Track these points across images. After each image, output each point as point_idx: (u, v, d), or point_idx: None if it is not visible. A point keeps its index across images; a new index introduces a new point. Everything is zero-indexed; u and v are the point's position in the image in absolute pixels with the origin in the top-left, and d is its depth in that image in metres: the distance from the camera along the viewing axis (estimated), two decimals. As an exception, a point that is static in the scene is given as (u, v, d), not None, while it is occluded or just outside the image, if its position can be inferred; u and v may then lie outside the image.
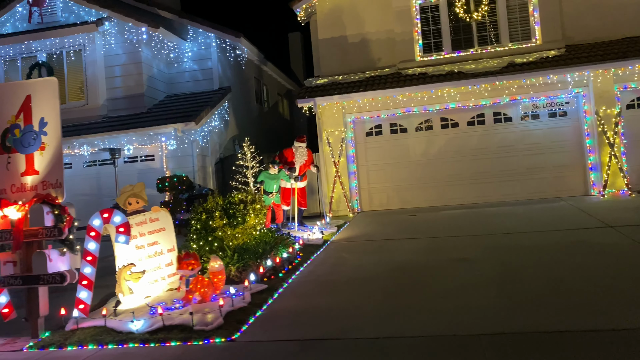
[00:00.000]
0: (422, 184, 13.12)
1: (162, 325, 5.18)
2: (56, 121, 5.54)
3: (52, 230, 5.38)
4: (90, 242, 5.54)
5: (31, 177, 5.56)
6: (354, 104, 12.88)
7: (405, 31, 13.70)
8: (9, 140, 5.62)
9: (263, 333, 4.95)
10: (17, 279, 5.46)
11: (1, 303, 5.71)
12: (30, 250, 5.51)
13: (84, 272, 5.52)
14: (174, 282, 6.52)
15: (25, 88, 5.61)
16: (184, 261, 5.70)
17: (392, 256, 7.68)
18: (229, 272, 6.82)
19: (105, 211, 5.56)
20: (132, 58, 14.62)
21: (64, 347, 5.09)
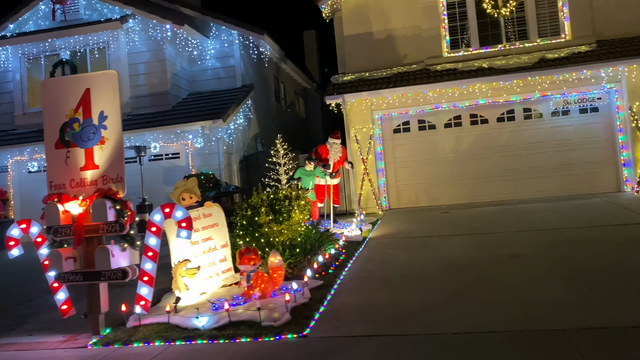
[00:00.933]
0: (451, 181, 13.02)
1: (229, 321, 5.10)
2: (116, 115, 5.45)
3: (113, 225, 5.30)
4: (151, 237, 5.45)
5: (91, 172, 5.47)
6: (383, 100, 12.78)
7: (433, 27, 13.61)
8: (68, 135, 5.54)
9: (333, 329, 4.86)
10: (77, 275, 5.38)
11: (59, 299, 5.63)
12: (90, 245, 5.43)
13: (144, 268, 5.43)
14: (228, 279, 6.44)
15: (84, 81, 5.53)
16: (245, 256, 5.61)
17: (440, 253, 7.58)
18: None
19: (166, 206, 5.47)
20: (156, 56, 14.55)
21: (129, 343, 5.01)
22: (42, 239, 5.64)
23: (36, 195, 14.90)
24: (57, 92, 5.59)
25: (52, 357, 4.91)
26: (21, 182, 15.09)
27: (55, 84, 5.67)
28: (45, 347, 5.24)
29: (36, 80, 15.11)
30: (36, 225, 5.67)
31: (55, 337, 5.49)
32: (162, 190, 14.11)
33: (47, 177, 5.58)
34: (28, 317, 6.51)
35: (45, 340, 5.46)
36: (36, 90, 15.11)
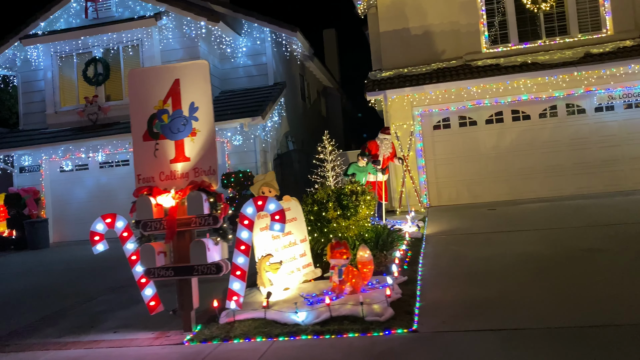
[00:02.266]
0: (492, 178, 12.88)
1: (330, 316, 4.96)
2: (208, 106, 5.32)
3: (206, 218, 5.16)
4: (243, 230, 5.32)
5: (181, 164, 5.34)
6: (425, 96, 12.66)
7: (471, 23, 13.49)
8: (157, 127, 5.41)
9: (442, 324, 4.71)
10: (168, 270, 5.24)
11: (147, 296, 5.50)
12: (182, 239, 5.30)
13: (237, 262, 5.29)
14: (308, 274, 6.31)
15: (173, 72, 5.40)
16: (336, 250, 5.47)
17: (511, 248, 7.44)
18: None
19: (259, 198, 5.33)
20: (190, 53, 14.42)
21: (229, 340, 4.87)
22: (128, 233, 5.51)
23: (68, 195, 14.82)
24: (144, 82, 5.47)
25: (153, 354, 4.77)
26: (53, 182, 14.96)
27: (142, 74, 5.54)
28: (139, 344, 5.11)
29: (67, 79, 15.00)
30: (121, 219, 5.54)
31: (143, 334, 5.36)
32: (198, 188, 13.97)
33: (135, 170, 5.45)
34: (103, 315, 6.37)
35: (134, 337, 5.32)
36: (68, 89, 15.00)
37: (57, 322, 6.27)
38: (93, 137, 13.80)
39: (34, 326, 6.22)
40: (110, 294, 7.52)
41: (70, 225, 14.78)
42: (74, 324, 6.08)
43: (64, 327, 6.01)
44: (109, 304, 6.95)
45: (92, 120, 14.29)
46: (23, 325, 6.29)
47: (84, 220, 14.48)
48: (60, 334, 5.75)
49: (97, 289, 7.91)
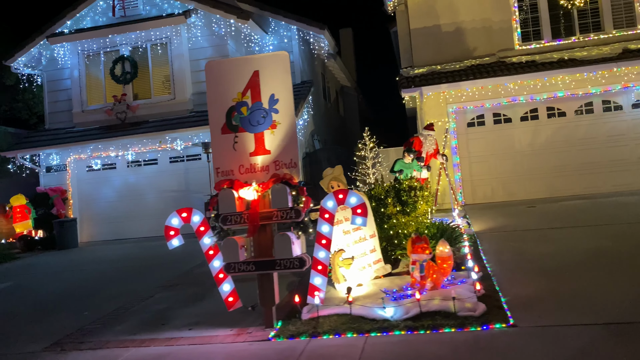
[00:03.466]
0: (528, 176, 12.77)
1: (419, 311, 4.85)
2: (288, 98, 5.22)
3: (288, 212, 5.05)
4: (323, 224, 5.20)
5: (262, 157, 5.24)
6: (461, 93, 12.55)
7: (504, 19, 13.40)
8: (235, 119, 5.30)
9: (538, 318, 4.61)
10: (249, 265, 5.14)
11: (225, 291, 5.38)
12: (263, 233, 5.20)
13: (318, 256, 5.18)
14: (379, 270, 6.20)
15: (252, 64, 5.29)
16: (417, 245, 5.36)
17: (573, 244, 7.31)
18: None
19: (339, 192, 5.22)
20: (219, 51, 14.32)
21: (317, 335, 4.76)
22: (205, 227, 5.40)
23: (95, 194, 14.72)
24: (222, 75, 5.36)
25: (243, 351, 4.66)
26: (80, 181, 14.86)
27: (220, 66, 5.43)
28: (221, 340, 5.00)
29: (94, 77, 14.89)
30: (198, 213, 5.43)
31: (221, 331, 5.25)
32: (228, 187, 13.86)
33: (214, 164, 5.35)
34: (167, 312, 6.26)
35: (212, 334, 5.21)
36: (95, 88, 14.89)
37: (122, 319, 6.16)
38: (122, 136, 13.69)
39: (99, 324, 6.11)
40: (164, 292, 7.40)
41: (97, 225, 14.67)
42: (141, 322, 5.97)
43: (132, 324, 5.90)
44: (167, 301, 6.83)
45: (121, 119, 14.18)
46: (87, 323, 6.18)
47: (112, 219, 14.44)
48: (131, 331, 5.64)
49: (147, 287, 7.78)
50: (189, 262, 9.61)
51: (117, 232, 14.42)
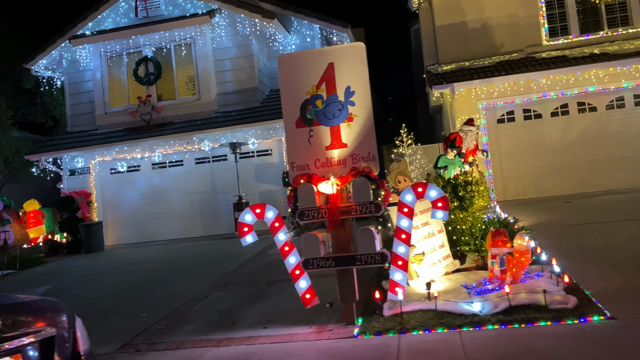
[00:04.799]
0: (559, 172, 12.69)
1: (509, 305, 4.75)
2: (365, 90, 5.12)
3: (367, 206, 4.94)
4: (402, 219, 5.09)
5: (338, 151, 5.13)
6: (493, 89, 12.48)
7: (530, 15, 13.34)
8: (310, 113, 5.20)
9: (635, 310, 4.51)
10: (328, 261, 5.02)
11: (301, 288, 5.25)
12: (342, 228, 5.08)
13: (397, 251, 5.06)
14: (448, 265, 6.10)
15: (326, 56, 5.19)
16: (498, 238, 5.26)
17: (631, 236, 7.22)
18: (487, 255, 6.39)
19: (419, 185, 5.11)
20: (244, 51, 14.23)
21: (406, 331, 4.65)
22: (279, 223, 5.29)
23: (120, 197, 14.59)
24: (296, 68, 5.27)
25: (336, 348, 4.54)
26: (104, 184, 14.72)
27: (293, 59, 5.34)
28: (305, 338, 4.88)
29: (117, 79, 14.77)
30: (271, 209, 5.32)
31: (299, 329, 5.13)
32: (255, 187, 13.80)
33: (288, 158, 5.24)
34: (231, 311, 6.14)
35: (291, 332, 5.10)
36: (117, 89, 14.77)
37: (186, 320, 6.04)
38: (149, 137, 13.57)
39: (163, 324, 5.99)
40: (219, 292, 7.28)
41: (122, 228, 14.53)
42: (209, 322, 5.85)
43: (200, 325, 5.78)
44: (226, 301, 6.71)
45: (146, 121, 14.06)
46: (150, 324, 6.05)
47: (137, 222, 14.31)
48: (202, 331, 5.52)
49: (195, 288, 7.64)
50: (227, 262, 9.51)
51: (142, 235, 14.29)
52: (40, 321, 2.61)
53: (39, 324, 2.59)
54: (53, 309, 2.76)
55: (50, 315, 2.70)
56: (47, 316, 2.68)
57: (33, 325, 2.55)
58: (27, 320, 2.54)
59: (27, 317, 2.55)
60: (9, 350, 2.34)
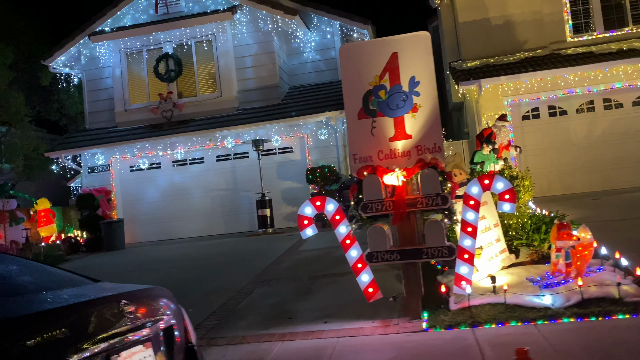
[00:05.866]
0: (585, 169, 12.63)
1: (581, 298, 4.67)
2: (430, 80, 5.04)
3: (434, 198, 4.86)
4: (469, 211, 5.02)
5: (402, 142, 5.05)
6: (520, 85, 12.44)
7: (555, 12, 13.29)
8: (373, 103, 5.12)
9: None
10: (393, 254, 4.94)
11: (363, 282, 5.16)
12: (407, 221, 5.00)
13: (463, 245, 4.99)
14: (505, 260, 6.02)
15: (390, 45, 5.11)
16: (563, 231, 5.18)
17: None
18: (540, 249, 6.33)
19: (484, 177, 5.04)
20: (265, 48, 14.15)
21: (478, 325, 4.57)
22: (340, 216, 5.20)
23: (140, 195, 14.49)
24: (358, 58, 5.18)
25: (411, 342, 4.47)
26: (123, 181, 14.62)
27: (355, 49, 5.26)
28: (373, 332, 4.80)
29: (137, 76, 14.68)
30: (332, 202, 5.24)
31: (363, 323, 5.04)
32: (277, 185, 13.70)
33: (350, 150, 5.16)
34: (282, 306, 6.05)
35: (355, 326, 5.01)
36: (137, 86, 14.68)
37: (239, 315, 5.96)
38: (171, 134, 13.49)
39: (215, 320, 5.90)
40: (263, 287, 7.19)
41: (142, 226, 14.42)
42: (263, 317, 5.76)
43: (255, 320, 5.69)
44: (273, 296, 6.62)
45: (167, 117, 13.97)
46: (201, 319, 5.96)
47: (157, 220, 14.22)
48: (260, 326, 5.43)
49: (238, 283, 7.55)
50: (259, 259, 9.41)
51: (163, 233, 14.18)
52: (161, 309, 2.53)
53: (160, 312, 2.51)
54: (168, 297, 2.67)
55: (167, 303, 2.62)
56: (166, 304, 2.60)
57: (157, 313, 2.47)
58: (151, 308, 2.46)
59: (150, 306, 2.47)
60: (142, 339, 2.26)
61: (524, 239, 6.47)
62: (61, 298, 2.16)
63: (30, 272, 2.65)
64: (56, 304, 2.03)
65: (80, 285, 2.59)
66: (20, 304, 2.03)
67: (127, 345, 2.15)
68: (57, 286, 2.47)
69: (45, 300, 2.13)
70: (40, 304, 2.04)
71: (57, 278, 2.66)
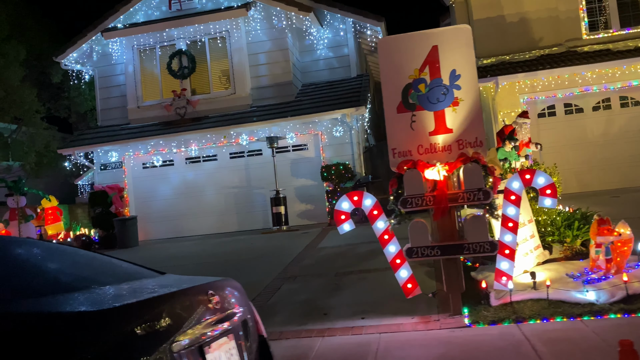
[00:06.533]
0: (601, 166, 12.59)
1: (626, 294, 4.63)
2: (472, 73, 4.99)
3: (475, 193, 4.81)
4: (509, 206, 4.97)
5: (442, 136, 5.00)
6: (537, 83, 12.42)
7: (570, 9, 13.24)
8: (412, 97, 5.07)
9: None
10: (433, 249, 4.89)
11: (402, 277, 5.12)
12: (448, 216, 4.95)
13: (504, 240, 4.94)
14: (539, 256, 5.97)
15: (430, 38, 5.06)
16: (603, 227, 5.14)
17: None
18: (573, 245, 6.29)
19: (526, 172, 5.01)
20: (279, 45, 14.09)
21: (522, 320, 4.53)
22: (378, 211, 5.15)
23: (152, 192, 14.44)
24: (397, 51, 5.13)
25: (456, 337, 4.42)
26: (135, 178, 14.57)
27: (394, 42, 5.20)
28: (415, 328, 4.76)
29: (149, 72, 14.62)
30: (369, 197, 5.19)
31: (402, 319, 5.00)
32: (291, 182, 13.65)
33: (389, 144, 5.11)
34: (314, 303, 6.00)
35: (394, 322, 4.97)
36: (150, 83, 14.62)
37: (271, 311, 5.90)
38: (185, 131, 13.43)
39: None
40: (290, 284, 7.13)
41: (155, 223, 14.37)
42: (296, 313, 5.71)
43: (288, 315, 5.65)
44: (303, 292, 6.56)
45: (180, 115, 13.91)
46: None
47: (169, 217, 14.17)
48: (295, 322, 5.38)
49: (264, 280, 7.49)
50: (279, 256, 9.34)
51: (175, 230, 14.13)
52: (238, 301, 2.48)
53: (238, 304, 2.46)
54: (240, 290, 2.63)
55: (241, 295, 2.58)
56: (241, 296, 2.55)
57: (236, 305, 2.43)
58: (231, 299, 2.42)
59: (230, 297, 2.42)
60: (226, 330, 2.21)
61: (555, 235, 6.42)
62: (148, 289, 2.11)
63: (100, 264, 2.60)
64: (148, 294, 1.98)
65: (151, 277, 2.54)
66: (116, 295, 1.99)
67: (216, 336, 2.10)
68: (132, 277, 2.43)
69: (136, 290, 2.08)
70: (136, 294, 1.99)
71: (127, 270, 2.61)
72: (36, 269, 2.08)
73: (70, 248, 2.72)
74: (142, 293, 1.99)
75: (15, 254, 2.20)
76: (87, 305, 1.75)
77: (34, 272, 2.03)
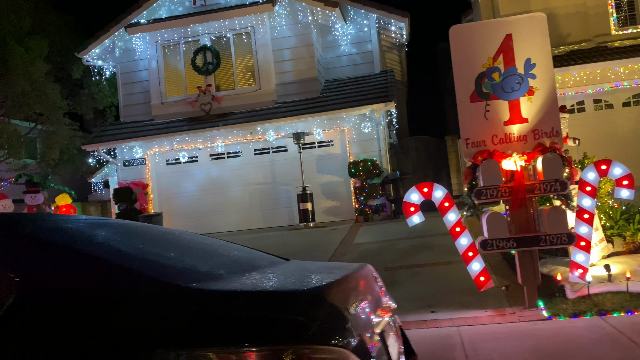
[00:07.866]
0: (632, 162, 12.20)
1: None
2: (547, 62, 4.92)
3: (552, 184, 4.73)
4: (585, 198, 4.90)
5: (518, 126, 4.92)
6: (568, 78, 12.26)
7: (599, 4, 13.12)
8: (486, 86, 4.98)
9: None
10: (509, 241, 4.81)
11: (474, 270, 5.03)
12: (523, 207, 4.87)
13: (580, 232, 4.87)
14: (604, 249, 5.89)
15: (503, 27, 4.97)
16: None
17: None
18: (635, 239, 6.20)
19: (602, 162, 4.94)
20: (303, 40, 13.99)
21: (606, 313, 4.46)
22: (449, 203, 5.07)
23: (176, 188, 14.36)
24: (470, 40, 5.04)
25: (540, 330, 4.34)
26: (159, 175, 14.47)
27: (467, 30, 5.12)
28: (491, 321, 4.69)
29: (173, 68, 14.53)
30: (440, 188, 5.10)
31: (475, 312, 4.92)
32: (316, 179, 13.55)
33: (462, 134, 5.02)
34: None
35: (467, 315, 4.89)
36: (174, 79, 14.53)
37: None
38: (210, 127, 13.33)
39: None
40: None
41: (178, 220, 14.27)
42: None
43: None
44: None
45: (205, 111, 13.81)
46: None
47: (193, 213, 14.09)
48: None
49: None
50: (317, 251, 9.27)
51: (200, 227, 13.98)
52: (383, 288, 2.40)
53: (383, 289, 2.38)
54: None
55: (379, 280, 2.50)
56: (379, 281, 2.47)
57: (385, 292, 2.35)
58: (382, 286, 2.33)
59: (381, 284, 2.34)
60: (390, 317, 2.13)
61: (615, 229, 6.34)
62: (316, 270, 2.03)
63: (229, 248, 2.52)
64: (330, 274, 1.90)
65: (281, 263, 2.46)
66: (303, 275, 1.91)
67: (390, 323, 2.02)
68: (272, 262, 2.35)
69: (311, 271, 2.00)
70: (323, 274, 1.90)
71: (261, 255, 2.53)
72: (204, 253, 2.01)
73: (187, 233, 2.65)
74: (323, 274, 1.91)
75: (187, 239, 2.18)
76: (296, 285, 1.68)
77: (208, 256, 1.96)
